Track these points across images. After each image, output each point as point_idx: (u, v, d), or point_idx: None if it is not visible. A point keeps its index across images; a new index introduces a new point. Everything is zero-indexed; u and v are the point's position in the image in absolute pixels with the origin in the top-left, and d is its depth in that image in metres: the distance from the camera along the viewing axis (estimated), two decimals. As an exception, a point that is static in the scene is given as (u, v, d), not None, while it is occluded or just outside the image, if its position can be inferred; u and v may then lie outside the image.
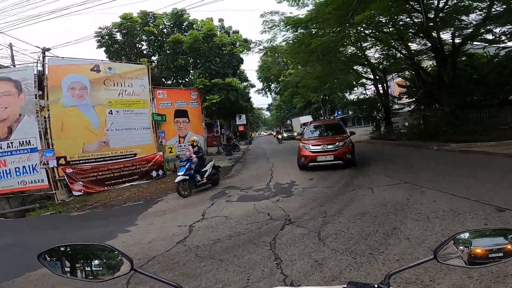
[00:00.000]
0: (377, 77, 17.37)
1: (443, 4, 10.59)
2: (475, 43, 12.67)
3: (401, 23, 11.95)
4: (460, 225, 3.30)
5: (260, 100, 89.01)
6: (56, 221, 6.35)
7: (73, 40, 39.76)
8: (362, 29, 12.03)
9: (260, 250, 3.20)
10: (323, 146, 8.36)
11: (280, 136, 27.99)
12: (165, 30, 18.34)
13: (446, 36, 12.50)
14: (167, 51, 16.67)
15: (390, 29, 12.71)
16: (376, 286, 0.77)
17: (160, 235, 4.12)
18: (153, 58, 19.00)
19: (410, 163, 8.06)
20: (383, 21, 11.78)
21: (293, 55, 12.94)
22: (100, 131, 9.29)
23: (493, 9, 10.16)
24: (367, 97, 21.25)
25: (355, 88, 24.21)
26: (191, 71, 17.33)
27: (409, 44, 13.16)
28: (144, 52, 18.78)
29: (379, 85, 18.06)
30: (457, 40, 12.02)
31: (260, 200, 5.58)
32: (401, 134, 15.67)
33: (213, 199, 6.25)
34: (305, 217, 4.18)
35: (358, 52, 15.65)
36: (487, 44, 12.54)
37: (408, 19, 11.62)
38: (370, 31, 13.01)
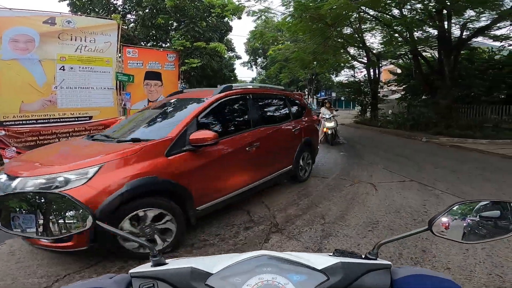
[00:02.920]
0: (371, 61, 16.44)
1: None
2: (480, 38, 12.00)
3: (411, 6, 11.03)
4: (510, 250, 2.47)
5: (245, 73, 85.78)
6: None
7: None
8: (366, 8, 10.94)
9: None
10: None
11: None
12: None
13: (453, 28, 11.72)
14: (146, 9, 14.28)
15: (396, 13, 11.74)
16: (363, 256, 0.70)
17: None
18: (129, 16, 16.37)
19: (405, 154, 7.30)
20: (393, 4, 10.82)
21: (293, 22, 11.47)
22: (46, 89, 7.53)
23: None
24: (356, 80, 20.53)
25: (342, 70, 23.38)
26: (172, 32, 15.10)
27: (413, 31, 12.24)
28: (119, 9, 16.03)
29: (371, 70, 17.28)
30: (465, 33, 11.30)
31: (238, 189, 4.49)
32: (386, 122, 15.16)
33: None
34: (297, 222, 3.15)
35: (356, 34, 14.55)
36: (491, 40, 11.92)
37: (419, 4, 10.69)
38: (376, 13, 11.96)
